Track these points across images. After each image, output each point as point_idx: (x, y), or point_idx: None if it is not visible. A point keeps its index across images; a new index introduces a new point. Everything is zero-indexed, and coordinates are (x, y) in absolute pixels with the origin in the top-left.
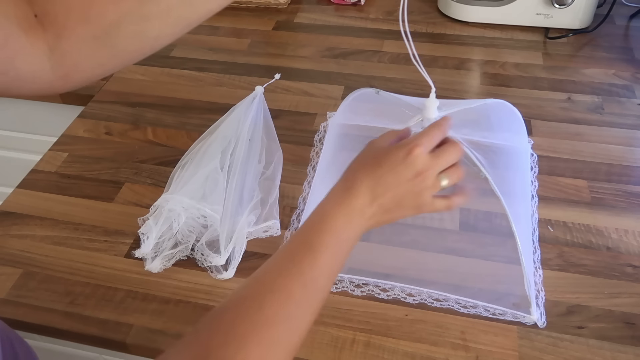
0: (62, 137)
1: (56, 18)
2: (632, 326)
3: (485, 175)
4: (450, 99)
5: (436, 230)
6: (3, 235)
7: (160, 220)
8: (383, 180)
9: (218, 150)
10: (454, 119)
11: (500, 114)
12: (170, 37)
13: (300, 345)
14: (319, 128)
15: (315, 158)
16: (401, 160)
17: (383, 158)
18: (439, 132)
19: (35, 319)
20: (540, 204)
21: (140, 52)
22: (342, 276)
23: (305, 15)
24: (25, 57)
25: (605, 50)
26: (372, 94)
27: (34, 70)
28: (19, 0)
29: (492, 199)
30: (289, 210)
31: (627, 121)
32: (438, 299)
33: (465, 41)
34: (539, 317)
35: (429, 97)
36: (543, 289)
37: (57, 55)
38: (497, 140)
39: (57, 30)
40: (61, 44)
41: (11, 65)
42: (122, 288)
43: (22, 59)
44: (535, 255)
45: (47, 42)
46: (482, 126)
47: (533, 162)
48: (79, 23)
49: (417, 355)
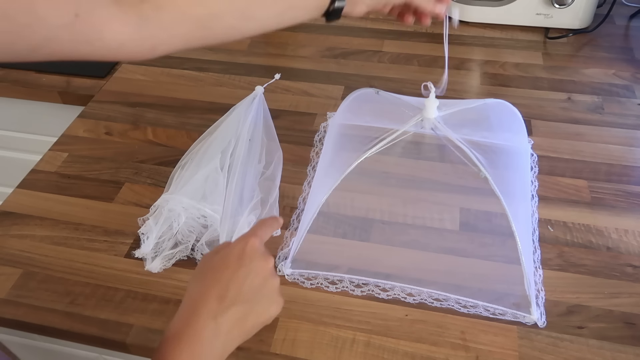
0: (62, 137)
1: None
2: (632, 326)
3: (485, 175)
4: (450, 99)
5: (436, 230)
6: (3, 235)
7: (160, 220)
8: (233, 282)
9: (218, 150)
10: (454, 119)
11: (500, 114)
12: (249, 36)
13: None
14: (319, 128)
15: (315, 158)
16: (240, 254)
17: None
18: (270, 230)
19: (35, 319)
20: (540, 204)
21: (225, 41)
22: (342, 276)
23: None
24: (115, 26)
25: (605, 50)
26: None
27: (121, 40)
28: None
29: (492, 199)
30: (289, 210)
31: (627, 121)
32: (438, 299)
33: (465, 41)
34: (539, 317)
35: (429, 97)
36: (543, 289)
37: (152, 27)
38: (497, 140)
39: (158, 3)
40: (161, 16)
41: (99, 35)
42: (122, 288)
43: (110, 28)
44: (536, 255)
45: (143, 12)
46: (482, 126)
47: (533, 162)
48: (184, 4)
49: (417, 355)
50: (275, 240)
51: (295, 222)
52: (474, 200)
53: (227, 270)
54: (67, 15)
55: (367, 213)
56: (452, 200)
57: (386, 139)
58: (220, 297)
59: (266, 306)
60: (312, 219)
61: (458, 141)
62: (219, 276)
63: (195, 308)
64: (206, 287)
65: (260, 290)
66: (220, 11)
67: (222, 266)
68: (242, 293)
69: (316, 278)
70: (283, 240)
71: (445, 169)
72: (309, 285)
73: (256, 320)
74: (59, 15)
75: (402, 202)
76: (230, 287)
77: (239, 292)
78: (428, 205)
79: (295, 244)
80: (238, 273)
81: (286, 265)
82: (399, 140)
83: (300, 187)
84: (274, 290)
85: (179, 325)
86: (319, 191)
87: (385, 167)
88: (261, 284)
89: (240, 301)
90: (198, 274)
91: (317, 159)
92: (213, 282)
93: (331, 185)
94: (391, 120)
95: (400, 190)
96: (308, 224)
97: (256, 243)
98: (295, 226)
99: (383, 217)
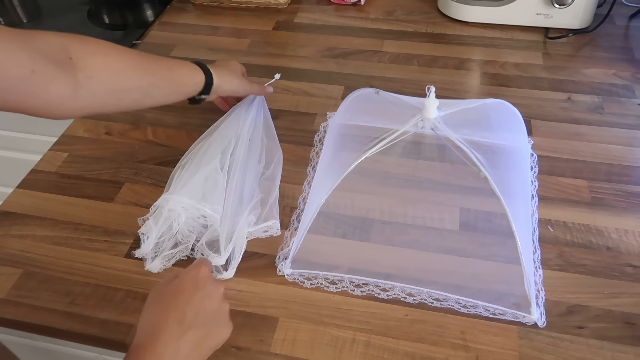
0: (62, 137)
1: (93, 69)
2: (632, 326)
3: (485, 175)
4: (450, 99)
5: (436, 230)
6: (3, 235)
7: (160, 220)
8: (189, 306)
9: (218, 150)
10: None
11: (500, 114)
12: (146, 107)
13: None
14: (319, 128)
15: (315, 158)
16: (194, 280)
17: (178, 288)
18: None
19: (35, 319)
20: (540, 204)
21: (127, 110)
22: (342, 276)
23: (305, 15)
24: (59, 84)
25: (605, 50)
26: (372, 94)
27: (62, 97)
28: (58, 47)
29: (492, 199)
30: (289, 210)
31: (627, 121)
32: (438, 299)
33: (465, 41)
34: (539, 316)
35: (429, 97)
36: (543, 289)
37: (83, 92)
38: (497, 140)
39: (90, 74)
40: (90, 85)
41: (46, 90)
42: (122, 288)
43: (56, 86)
44: (536, 255)
45: (78, 79)
46: (482, 126)
47: (533, 162)
48: (107, 79)
49: (417, 355)
50: (275, 240)
51: (295, 222)
52: (474, 200)
53: (183, 296)
54: (25, 71)
55: (367, 213)
56: (452, 200)
57: (386, 139)
58: (179, 321)
59: (220, 329)
60: (312, 219)
61: (458, 141)
62: (176, 302)
63: (155, 332)
64: (164, 312)
65: (215, 314)
66: (131, 88)
67: (177, 292)
68: (199, 316)
69: (316, 278)
70: (283, 240)
71: (445, 169)
72: (309, 285)
73: (211, 343)
74: (20, 70)
75: (402, 202)
76: (188, 311)
77: (196, 316)
78: (428, 205)
79: (295, 244)
80: (194, 298)
81: (286, 265)
82: (399, 140)
83: (300, 187)
84: (226, 315)
85: (139, 350)
86: (318, 191)
87: (385, 167)
88: (216, 308)
89: (198, 324)
90: (152, 302)
91: (317, 159)
92: (171, 307)
93: (331, 185)
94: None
95: (400, 190)
96: (308, 224)
97: (207, 270)
98: (295, 226)
99: (383, 217)
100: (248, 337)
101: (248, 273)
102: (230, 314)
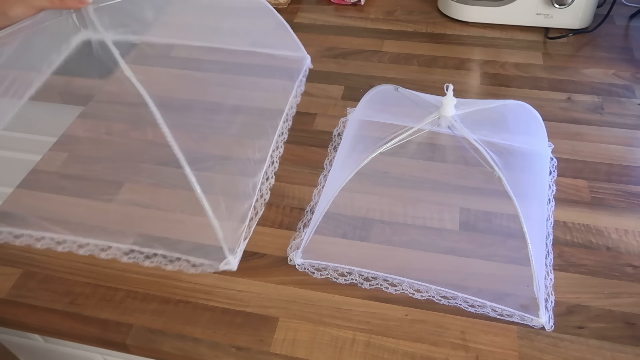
0: (62, 137)
1: None
2: (632, 326)
3: (498, 174)
4: (468, 99)
5: (437, 230)
6: (3, 235)
7: None
8: None
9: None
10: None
11: (520, 116)
12: None
13: None
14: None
15: (333, 152)
16: None
17: None
18: None
19: (35, 319)
20: None
21: None
22: (352, 268)
23: (305, 15)
24: None
25: (605, 50)
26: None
27: None
28: None
29: (492, 199)
30: (289, 210)
31: (627, 121)
32: (446, 297)
33: (465, 41)
34: (547, 320)
35: (446, 95)
36: (553, 293)
37: None
38: (514, 142)
39: None
40: None
41: None
42: (122, 288)
43: None
44: (548, 260)
45: None
46: (499, 127)
47: (552, 166)
48: None
49: (417, 355)
50: (276, 240)
51: (309, 214)
52: (474, 200)
53: None
54: None
55: (368, 213)
56: (452, 200)
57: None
58: None
59: None
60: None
61: (474, 140)
62: None
63: None
64: None
65: None
66: None
67: None
68: None
69: (326, 269)
70: (296, 230)
71: (445, 169)
72: (318, 276)
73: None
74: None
75: (402, 202)
76: None
77: None
78: (428, 205)
79: (308, 235)
80: None
81: (297, 255)
82: (399, 141)
83: (300, 186)
84: None
85: None
86: (330, 187)
87: (385, 167)
88: None
89: None
90: None
91: (334, 153)
92: None
93: (340, 183)
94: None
95: (400, 190)
96: (321, 214)
97: None
98: (308, 217)
99: (383, 217)
100: (248, 337)
101: (248, 273)
102: (230, 314)
